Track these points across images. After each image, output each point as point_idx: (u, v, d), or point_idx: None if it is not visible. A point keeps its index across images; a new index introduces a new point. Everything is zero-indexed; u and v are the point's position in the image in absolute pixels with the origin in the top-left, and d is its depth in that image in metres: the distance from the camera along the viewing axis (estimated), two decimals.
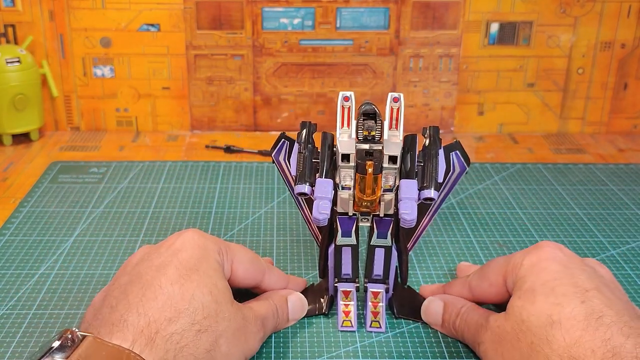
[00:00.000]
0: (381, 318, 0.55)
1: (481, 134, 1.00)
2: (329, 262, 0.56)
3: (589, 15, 0.94)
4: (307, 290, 0.60)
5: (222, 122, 0.99)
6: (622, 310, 0.43)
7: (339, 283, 0.56)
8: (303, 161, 0.52)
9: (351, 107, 0.52)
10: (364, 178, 0.50)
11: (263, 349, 0.53)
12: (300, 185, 0.51)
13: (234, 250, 0.53)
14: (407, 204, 0.49)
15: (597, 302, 0.43)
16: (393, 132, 0.52)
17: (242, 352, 0.48)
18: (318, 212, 0.49)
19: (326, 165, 0.52)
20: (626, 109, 1.00)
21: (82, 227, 0.72)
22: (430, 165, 0.52)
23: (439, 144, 0.54)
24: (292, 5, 0.93)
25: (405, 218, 0.49)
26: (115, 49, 0.94)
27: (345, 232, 0.54)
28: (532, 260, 0.48)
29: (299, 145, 0.53)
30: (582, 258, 0.50)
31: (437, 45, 0.95)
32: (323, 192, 0.50)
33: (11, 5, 0.92)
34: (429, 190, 0.51)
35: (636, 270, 0.65)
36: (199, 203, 0.77)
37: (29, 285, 0.62)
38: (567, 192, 0.81)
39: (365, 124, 0.50)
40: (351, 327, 0.56)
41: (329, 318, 0.57)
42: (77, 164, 0.87)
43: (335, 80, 0.97)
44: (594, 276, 0.46)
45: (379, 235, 0.53)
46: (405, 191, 0.50)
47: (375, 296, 0.55)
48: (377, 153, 0.50)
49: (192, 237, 0.50)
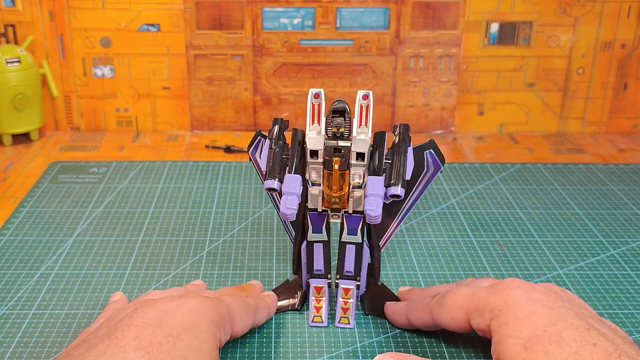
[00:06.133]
0: (350, 314, 0.56)
1: (481, 134, 1.00)
2: (302, 258, 0.57)
3: (589, 15, 0.94)
4: (282, 286, 0.61)
5: (222, 122, 0.99)
6: (620, 339, 0.43)
7: (311, 279, 0.57)
8: (273, 157, 0.52)
9: (321, 104, 0.53)
10: (330, 174, 0.50)
11: (263, 349, 0.53)
12: (270, 181, 0.51)
13: (233, 307, 0.50)
14: (372, 200, 0.50)
15: (602, 339, 0.42)
16: (362, 129, 0.53)
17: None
18: (285, 207, 0.49)
19: (295, 161, 0.52)
20: (626, 109, 1.00)
21: (82, 227, 0.72)
22: (398, 162, 0.52)
23: (408, 142, 0.54)
24: (292, 5, 0.93)
25: (369, 214, 0.49)
26: (115, 49, 0.94)
27: (315, 228, 0.54)
28: (508, 302, 0.46)
29: (269, 142, 0.53)
30: (543, 285, 0.48)
31: (437, 45, 0.95)
32: (291, 188, 0.50)
33: (11, 5, 0.92)
34: (396, 187, 0.51)
35: (636, 271, 0.65)
36: (199, 203, 0.77)
37: (29, 285, 0.62)
38: (567, 192, 0.81)
39: (334, 120, 0.50)
40: (321, 322, 0.56)
41: (303, 313, 0.57)
42: (77, 164, 0.87)
43: (335, 80, 0.97)
44: (576, 308, 0.46)
45: (349, 232, 0.54)
46: (371, 188, 0.50)
47: (345, 292, 0.56)
48: (345, 150, 0.50)
49: (191, 304, 0.47)
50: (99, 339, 0.44)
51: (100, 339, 0.44)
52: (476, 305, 0.48)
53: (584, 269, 0.65)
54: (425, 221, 0.74)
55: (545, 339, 0.42)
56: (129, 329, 0.44)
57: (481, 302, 0.48)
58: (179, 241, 0.69)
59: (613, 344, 0.42)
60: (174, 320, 0.45)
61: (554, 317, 0.44)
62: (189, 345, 0.44)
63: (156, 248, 0.68)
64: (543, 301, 0.45)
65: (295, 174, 0.51)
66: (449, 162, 0.89)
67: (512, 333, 0.44)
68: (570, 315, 0.44)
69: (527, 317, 0.44)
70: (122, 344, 0.43)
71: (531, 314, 0.44)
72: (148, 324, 0.44)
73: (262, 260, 0.66)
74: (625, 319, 0.58)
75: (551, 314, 0.44)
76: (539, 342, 0.42)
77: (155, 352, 0.42)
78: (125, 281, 0.62)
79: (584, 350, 0.41)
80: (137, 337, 0.43)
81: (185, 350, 0.44)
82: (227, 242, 0.69)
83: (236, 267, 0.65)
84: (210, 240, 0.70)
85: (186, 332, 0.45)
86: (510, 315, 0.45)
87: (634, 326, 0.57)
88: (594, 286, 0.62)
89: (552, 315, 0.44)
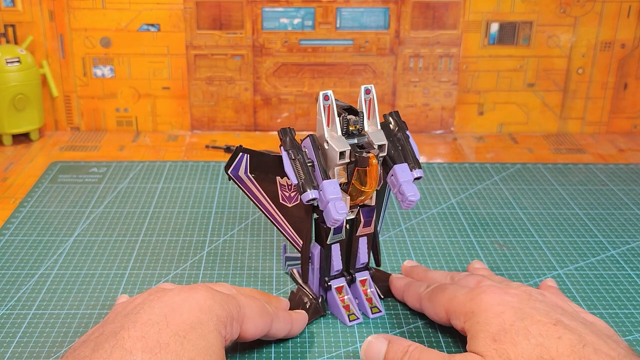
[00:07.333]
0: (377, 302, 0.58)
1: (481, 134, 1.00)
2: (313, 265, 0.57)
3: (589, 15, 0.94)
4: (291, 299, 0.59)
5: (222, 122, 0.99)
6: (590, 332, 0.46)
7: (332, 280, 0.57)
8: (301, 167, 0.52)
9: (332, 105, 0.53)
10: (365, 171, 0.50)
11: (263, 349, 0.53)
12: (309, 192, 0.50)
13: (245, 307, 0.49)
14: (409, 186, 0.52)
15: (568, 333, 0.45)
16: (372, 122, 0.54)
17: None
18: (337, 213, 0.50)
19: (323, 167, 0.52)
20: (626, 109, 1.00)
21: (82, 227, 0.72)
22: (407, 147, 0.55)
23: (405, 127, 0.56)
24: (292, 5, 0.93)
25: (412, 199, 0.51)
26: (115, 49, 0.94)
27: (337, 229, 0.55)
28: (481, 306, 0.49)
29: (287, 153, 0.52)
30: (518, 289, 0.51)
31: (437, 45, 0.95)
32: (334, 193, 0.50)
33: (11, 5, 0.92)
34: (418, 170, 0.54)
35: (636, 270, 0.65)
36: (199, 203, 0.77)
37: (29, 285, 0.62)
38: (567, 192, 0.81)
39: (350, 119, 0.52)
40: (358, 319, 0.57)
41: (329, 319, 0.57)
42: (77, 164, 0.87)
43: (335, 80, 0.97)
44: (547, 308, 0.48)
45: (365, 225, 0.55)
46: (402, 175, 0.53)
47: (362, 284, 0.57)
48: (367, 145, 0.52)
49: (198, 298, 0.46)
50: (105, 337, 0.44)
51: (107, 338, 0.43)
52: (455, 308, 0.51)
53: (584, 269, 0.65)
54: (425, 221, 0.74)
55: (513, 332, 0.45)
56: (135, 327, 0.43)
57: (459, 306, 0.50)
58: (179, 241, 0.69)
59: (579, 336, 0.44)
60: (179, 316, 0.45)
61: (522, 315, 0.47)
62: (196, 346, 0.44)
63: (156, 248, 0.68)
64: (513, 302, 0.48)
65: (327, 179, 0.51)
66: (449, 162, 0.89)
67: (482, 329, 0.47)
68: (539, 314, 0.47)
69: (496, 315, 0.47)
70: (128, 345, 0.42)
71: (500, 313, 0.47)
72: (154, 322, 0.44)
73: (262, 260, 0.66)
74: (625, 319, 0.58)
75: (519, 312, 0.47)
76: (507, 335, 0.45)
77: (163, 354, 0.42)
78: (125, 281, 0.62)
79: (550, 342, 0.44)
80: (144, 337, 0.43)
81: (193, 352, 0.43)
82: (227, 242, 0.69)
83: (236, 267, 0.65)
84: (210, 240, 0.70)
85: (193, 330, 0.44)
86: (481, 316, 0.48)
87: (633, 326, 0.57)
88: (594, 286, 0.62)
89: (520, 313, 0.47)
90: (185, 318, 0.45)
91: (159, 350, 0.42)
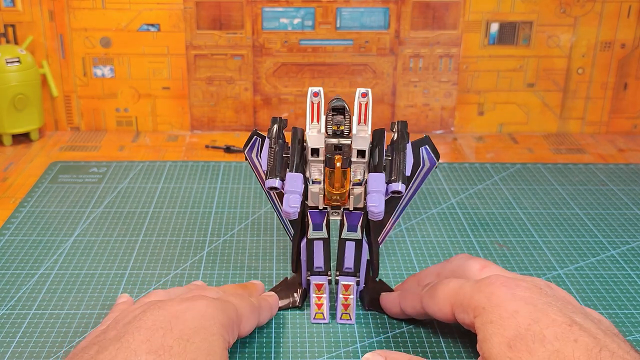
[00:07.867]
0: (351, 310, 0.57)
1: (481, 134, 1.00)
2: (301, 256, 0.57)
3: (589, 15, 0.94)
4: (281, 284, 0.61)
5: (222, 122, 0.99)
6: (603, 333, 0.44)
7: (311, 276, 0.57)
8: (273, 156, 0.52)
9: (320, 103, 0.53)
10: (332, 172, 0.51)
11: (263, 349, 0.53)
12: (271, 180, 0.51)
13: (240, 309, 0.50)
14: (375, 196, 0.50)
15: (584, 334, 0.43)
16: (362, 127, 0.53)
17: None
18: (288, 206, 0.50)
19: (296, 160, 0.52)
20: (626, 109, 1.00)
21: (82, 227, 0.72)
22: (398, 159, 0.53)
23: (406, 139, 0.54)
24: (292, 5, 0.93)
25: (372, 210, 0.49)
26: (115, 49, 0.94)
27: (316, 225, 0.54)
28: (492, 300, 0.47)
29: (269, 141, 0.54)
30: (527, 281, 0.49)
31: (437, 45, 0.95)
32: (293, 186, 0.50)
33: (11, 5, 0.92)
34: (397, 184, 0.51)
35: (636, 270, 0.65)
36: (199, 203, 0.77)
37: (29, 285, 0.62)
38: (567, 192, 0.81)
39: (334, 118, 0.51)
40: (323, 319, 0.57)
41: (303, 311, 0.57)
42: (77, 164, 0.87)
43: (335, 80, 0.97)
44: (560, 304, 0.46)
45: (349, 229, 0.54)
46: (372, 184, 0.50)
47: (346, 289, 0.56)
48: (346, 147, 0.51)
49: (200, 307, 0.47)
50: (108, 341, 0.44)
51: (111, 342, 0.44)
52: (461, 301, 0.49)
53: (584, 269, 0.65)
54: (425, 221, 0.74)
55: (529, 338, 0.44)
56: (139, 331, 0.44)
57: (466, 299, 0.48)
58: (179, 241, 0.69)
59: (595, 339, 0.43)
60: (183, 323, 0.45)
61: (537, 315, 0.45)
62: (199, 348, 0.44)
63: (156, 248, 0.68)
64: (527, 298, 0.46)
65: (296, 172, 0.51)
66: (449, 162, 0.89)
67: (496, 332, 0.45)
68: (553, 311, 0.45)
69: (510, 315, 0.45)
70: (133, 346, 0.43)
71: (515, 312, 0.45)
72: (158, 327, 0.44)
73: (262, 260, 0.66)
74: (625, 319, 0.58)
75: (534, 311, 0.45)
76: (523, 341, 0.44)
77: (167, 356, 0.42)
78: (125, 281, 0.62)
79: (566, 347, 0.43)
80: (148, 340, 0.43)
81: (195, 354, 0.43)
82: (227, 242, 0.69)
83: (236, 267, 0.65)
84: (210, 240, 0.70)
85: (196, 334, 0.45)
86: (494, 313, 0.46)
87: (633, 326, 0.57)
88: (594, 286, 0.62)
89: (535, 313, 0.45)
90: (189, 324, 0.45)
91: (163, 352, 0.43)
